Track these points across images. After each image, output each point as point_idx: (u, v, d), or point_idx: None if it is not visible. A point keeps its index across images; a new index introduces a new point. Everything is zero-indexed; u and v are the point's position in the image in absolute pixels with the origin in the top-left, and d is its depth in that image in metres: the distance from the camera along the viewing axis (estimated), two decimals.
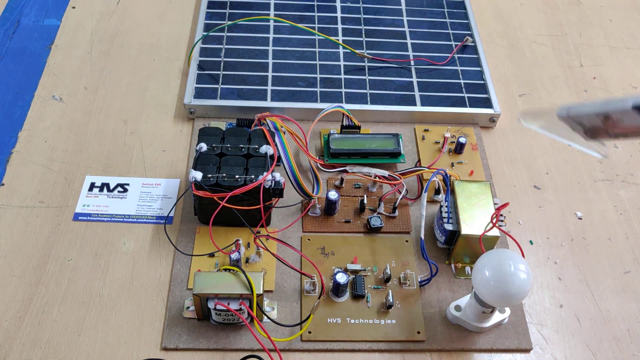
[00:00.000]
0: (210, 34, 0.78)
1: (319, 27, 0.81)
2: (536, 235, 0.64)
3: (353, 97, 0.73)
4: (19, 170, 0.65)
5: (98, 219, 0.62)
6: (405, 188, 0.64)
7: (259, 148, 0.60)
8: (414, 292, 0.58)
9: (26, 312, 0.55)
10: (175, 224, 0.62)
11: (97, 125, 0.70)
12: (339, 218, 0.63)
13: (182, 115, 0.72)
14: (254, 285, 0.51)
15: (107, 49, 0.79)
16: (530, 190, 0.68)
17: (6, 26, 0.81)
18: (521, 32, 0.86)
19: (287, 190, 0.60)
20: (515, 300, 0.50)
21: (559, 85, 0.79)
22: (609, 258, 0.63)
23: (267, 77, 0.74)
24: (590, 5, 0.91)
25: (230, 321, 0.54)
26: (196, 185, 0.56)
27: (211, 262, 0.59)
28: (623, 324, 0.58)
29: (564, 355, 0.56)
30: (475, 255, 0.56)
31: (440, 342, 0.55)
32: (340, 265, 0.59)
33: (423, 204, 0.60)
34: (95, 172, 0.66)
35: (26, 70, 0.76)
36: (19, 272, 0.57)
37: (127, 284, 0.57)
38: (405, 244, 0.61)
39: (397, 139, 0.67)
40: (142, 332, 0.54)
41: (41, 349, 0.53)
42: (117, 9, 0.84)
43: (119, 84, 0.75)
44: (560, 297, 0.59)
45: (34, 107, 0.71)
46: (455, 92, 0.74)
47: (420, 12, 0.85)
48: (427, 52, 0.79)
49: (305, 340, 0.54)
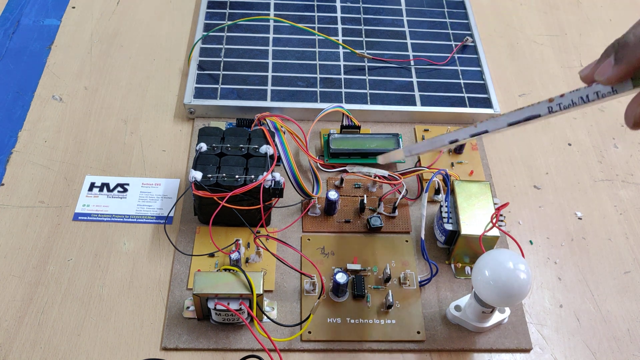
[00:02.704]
0: (210, 34, 0.78)
1: (318, 27, 0.81)
2: (536, 235, 0.64)
3: (353, 97, 0.73)
4: (19, 170, 0.65)
5: (98, 219, 0.62)
6: (405, 188, 0.64)
7: (258, 148, 0.60)
8: (414, 292, 0.58)
9: (26, 312, 0.55)
10: (175, 224, 0.62)
11: (97, 125, 0.70)
12: (339, 218, 0.63)
13: (182, 115, 0.72)
14: (254, 285, 0.51)
15: (107, 49, 0.79)
16: (530, 190, 0.68)
17: (6, 26, 0.81)
18: (521, 32, 0.86)
19: (287, 190, 0.61)
20: (515, 300, 0.50)
21: (558, 85, 0.79)
22: (609, 258, 0.63)
23: (267, 77, 0.74)
24: (590, 5, 0.91)
25: (230, 321, 0.54)
26: (196, 185, 0.56)
27: (211, 262, 0.59)
28: (623, 324, 0.58)
29: (563, 355, 0.56)
30: (475, 255, 0.56)
31: (440, 342, 0.55)
32: (340, 265, 0.59)
33: (423, 204, 0.60)
34: (95, 172, 0.66)
35: (26, 70, 0.76)
36: (19, 272, 0.57)
37: (127, 284, 0.57)
38: (405, 244, 0.61)
39: (397, 139, 0.67)
40: (142, 332, 0.54)
41: (41, 348, 0.53)
42: (117, 9, 0.84)
43: (119, 84, 0.75)
44: (560, 297, 0.59)
45: (34, 107, 0.71)
46: (455, 92, 0.74)
47: (420, 12, 0.85)
48: (427, 52, 0.79)
49: (305, 340, 0.54)
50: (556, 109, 0.35)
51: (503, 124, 0.38)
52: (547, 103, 0.35)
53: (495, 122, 0.39)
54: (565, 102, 0.34)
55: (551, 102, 0.35)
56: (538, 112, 0.36)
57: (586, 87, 0.34)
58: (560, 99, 0.34)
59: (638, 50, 0.31)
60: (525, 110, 0.36)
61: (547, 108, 0.35)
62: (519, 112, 0.37)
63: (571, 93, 0.34)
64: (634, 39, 0.32)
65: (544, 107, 0.35)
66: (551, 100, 0.35)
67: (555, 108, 0.35)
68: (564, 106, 0.34)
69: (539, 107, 0.36)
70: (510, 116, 0.37)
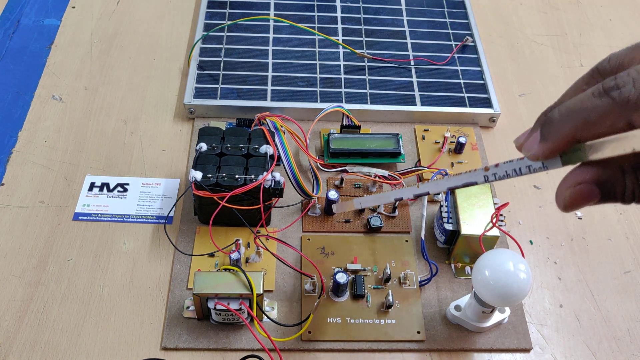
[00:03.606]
0: (210, 34, 0.78)
1: (318, 27, 0.81)
2: (536, 235, 0.64)
3: (353, 97, 0.73)
4: (19, 170, 0.65)
5: (98, 219, 0.62)
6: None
7: (258, 148, 0.60)
8: (414, 292, 0.58)
9: (26, 312, 0.55)
10: (175, 224, 0.62)
11: (97, 125, 0.70)
12: (339, 218, 0.63)
13: (182, 115, 0.72)
14: (254, 285, 0.51)
15: (107, 49, 0.79)
16: (530, 190, 0.68)
17: (6, 26, 0.81)
18: (521, 32, 0.86)
19: (287, 190, 0.61)
20: (515, 300, 0.50)
21: (558, 85, 0.79)
22: (609, 258, 0.63)
23: (267, 77, 0.74)
24: (590, 5, 0.91)
25: (230, 321, 0.54)
26: (196, 185, 0.56)
27: (211, 262, 0.59)
28: (623, 323, 0.58)
29: (563, 355, 0.56)
30: (475, 255, 0.56)
31: (440, 342, 0.55)
32: (340, 265, 0.59)
33: (424, 204, 0.60)
34: (95, 172, 0.66)
35: (26, 70, 0.76)
36: (19, 272, 0.57)
37: (127, 283, 0.57)
38: (405, 244, 0.61)
39: (397, 139, 0.67)
40: (142, 331, 0.55)
41: (41, 348, 0.53)
42: (117, 9, 0.84)
43: (119, 84, 0.75)
44: (560, 297, 0.59)
45: (34, 107, 0.71)
46: (455, 92, 0.74)
47: (420, 12, 0.85)
48: (427, 52, 0.79)
49: (305, 340, 0.54)
50: (492, 179, 0.36)
51: (443, 187, 0.40)
52: (483, 172, 0.36)
53: (436, 185, 0.41)
54: (500, 172, 0.35)
55: (487, 171, 0.36)
56: (475, 179, 0.37)
57: (519, 160, 0.34)
58: (495, 169, 0.36)
59: (563, 128, 0.29)
60: (463, 177, 0.38)
61: (483, 177, 0.37)
62: (457, 178, 0.39)
63: (505, 164, 0.35)
64: (559, 116, 0.29)
65: (480, 176, 0.37)
66: (487, 169, 0.36)
67: (490, 177, 0.36)
68: (498, 176, 0.35)
69: (475, 175, 0.37)
70: (450, 181, 0.39)
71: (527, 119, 0.75)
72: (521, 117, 0.75)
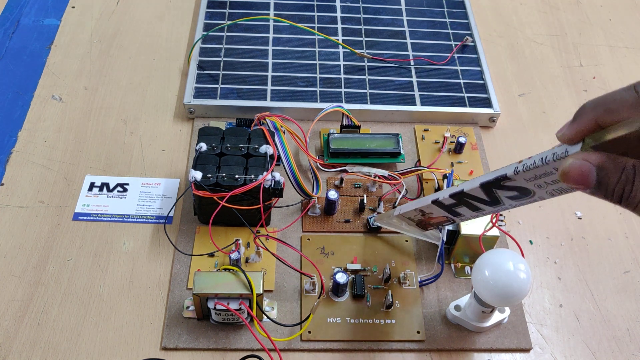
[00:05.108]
0: (210, 34, 0.78)
1: (318, 26, 0.81)
2: (536, 235, 0.64)
3: (353, 96, 0.73)
4: (19, 170, 0.65)
5: (98, 219, 0.62)
6: (405, 188, 0.64)
7: (258, 148, 0.60)
8: (413, 292, 0.58)
9: (26, 312, 0.55)
10: (175, 224, 0.62)
11: (96, 125, 0.70)
12: (339, 218, 0.63)
13: (181, 115, 0.72)
14: (253, 285, 0.51)
15: (107, 49, 0.79)
16: None
17: (6, 26, 0.81)
18: (521, 32, 0.86)
19: (287, 190, 0.60)
20: (515, 300, 0.50)
21: (558, 85, 0.79)
22: (609, 258, 0.63)
23: (267, 76, 0.74)
24: (590, 5, 0.91)
25: (230, 321, 0.54)
26: (196, 185, 0.56)
27: (211, 261, 0.59)
28: (623, 323, 0.58)
29: (563, 355, 0.56)
30: (475, 255, 0.56)
31: (440, 342, 0.55)
32: (340, 265, 0.59)
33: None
34: (95, 172, 0.66)
35: (26, 70, 0.76)
36: (18, 272, 0.57)
37: (126, 283, 0.57)
38: (405, 244, 0.61)
39: (397, 139, 0.67)
40: (142, 331, 0.54)
41: (41, 348, 0.53)
42: (117, 9, 0.84)
43: (119, 84, 0.75)
44: (560, 297, 0.59)
45: (34, 107, 0.71)
46: (455, 91, 0.74)
47: (420, 12, 0.85)
48: (427, 51, 0.79)
49: (305, 340, 0.54)
50: (520, 169, 0.38)
51: (476, 183, 0.42)
52: (516, 164, 0.38)
53: (471, 182, 0.43)
54: (529, 162, 0.37)
55: (519, 163, 0.38)
56: (506, 172, 0.39)
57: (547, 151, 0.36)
58: (526, 160, 0.37)
59: (590, 112, 0.34)
60: (497, 171, 0.40)
61: (514, 168, 0.38)
62: (491, 173, 0.40)
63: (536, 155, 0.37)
64: (590, 103, 0.34)
65: (512, 168, 0.38)
66: (520, 162, 0.38)
67: (520, 168, 0.38)
68: (527, 167, 0.37)
69: (507, 168, 0.39)
70: (484, 175, 0.41)
71: (527, 119, 0.75)
72: (521, 117, 0.75)
